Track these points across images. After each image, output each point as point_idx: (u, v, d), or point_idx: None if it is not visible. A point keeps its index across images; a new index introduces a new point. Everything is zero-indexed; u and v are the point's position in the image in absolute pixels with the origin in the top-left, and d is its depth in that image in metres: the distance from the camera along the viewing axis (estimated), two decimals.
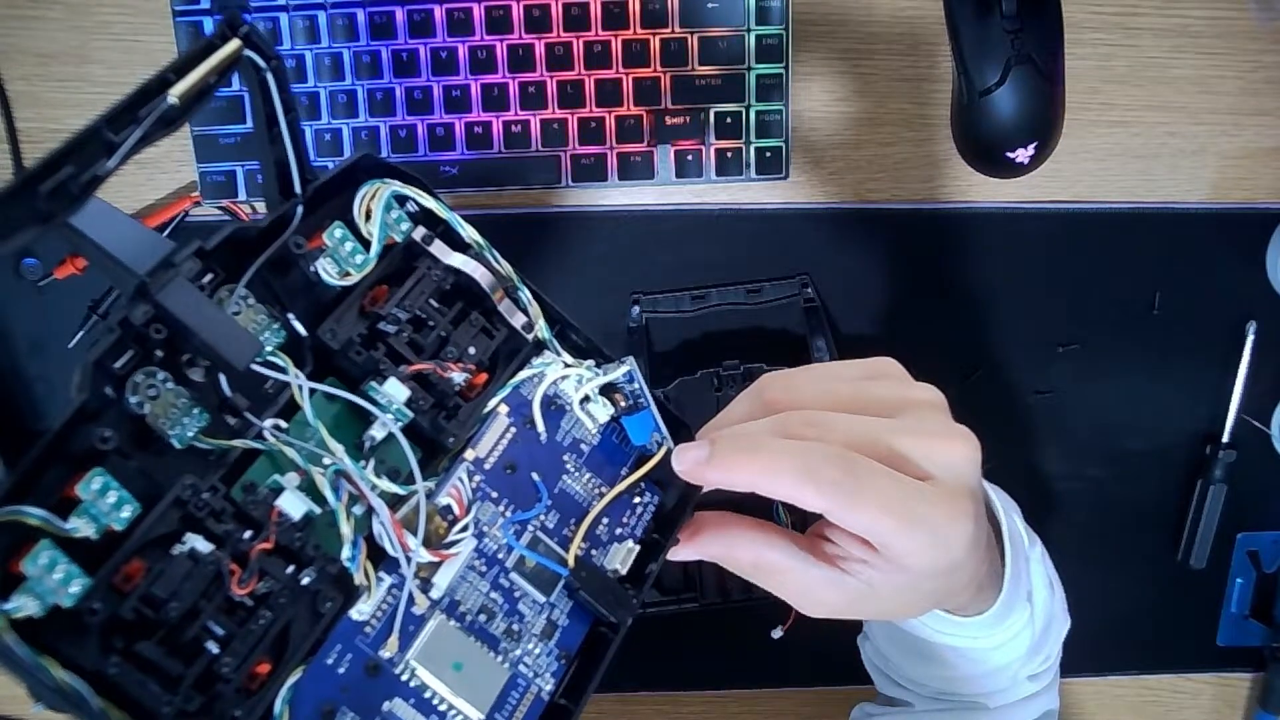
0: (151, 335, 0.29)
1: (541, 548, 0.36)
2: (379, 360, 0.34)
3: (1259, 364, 0.70)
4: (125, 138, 0.29)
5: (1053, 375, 0.71)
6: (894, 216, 0.69)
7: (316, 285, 0.34)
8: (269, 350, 0.32)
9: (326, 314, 0.34)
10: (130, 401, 0.29)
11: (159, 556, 0.29)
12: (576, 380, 0.37)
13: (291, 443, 0.31)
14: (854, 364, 0.41)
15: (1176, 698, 0.77)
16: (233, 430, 0.31)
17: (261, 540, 0.30)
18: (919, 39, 0.67)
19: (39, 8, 0.65)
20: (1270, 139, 0.69)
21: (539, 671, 0.35)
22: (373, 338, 0.34)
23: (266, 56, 0.32)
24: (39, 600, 0.26)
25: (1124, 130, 0.69)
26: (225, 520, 0.30)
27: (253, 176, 0.65)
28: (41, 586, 0.26)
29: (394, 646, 0.32)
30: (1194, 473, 0.72)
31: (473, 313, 0.36)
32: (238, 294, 0.31)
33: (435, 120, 0.65)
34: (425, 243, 0.36)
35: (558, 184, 0.66)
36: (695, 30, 0.65)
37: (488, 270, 0.36)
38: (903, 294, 0.70)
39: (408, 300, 0.35)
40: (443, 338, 0.35)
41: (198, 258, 0.30)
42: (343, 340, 0.33)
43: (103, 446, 0.28)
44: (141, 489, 0.29)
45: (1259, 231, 0.70)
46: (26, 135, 0.66)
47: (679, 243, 0.68)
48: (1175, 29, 0.68)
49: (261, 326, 0.32)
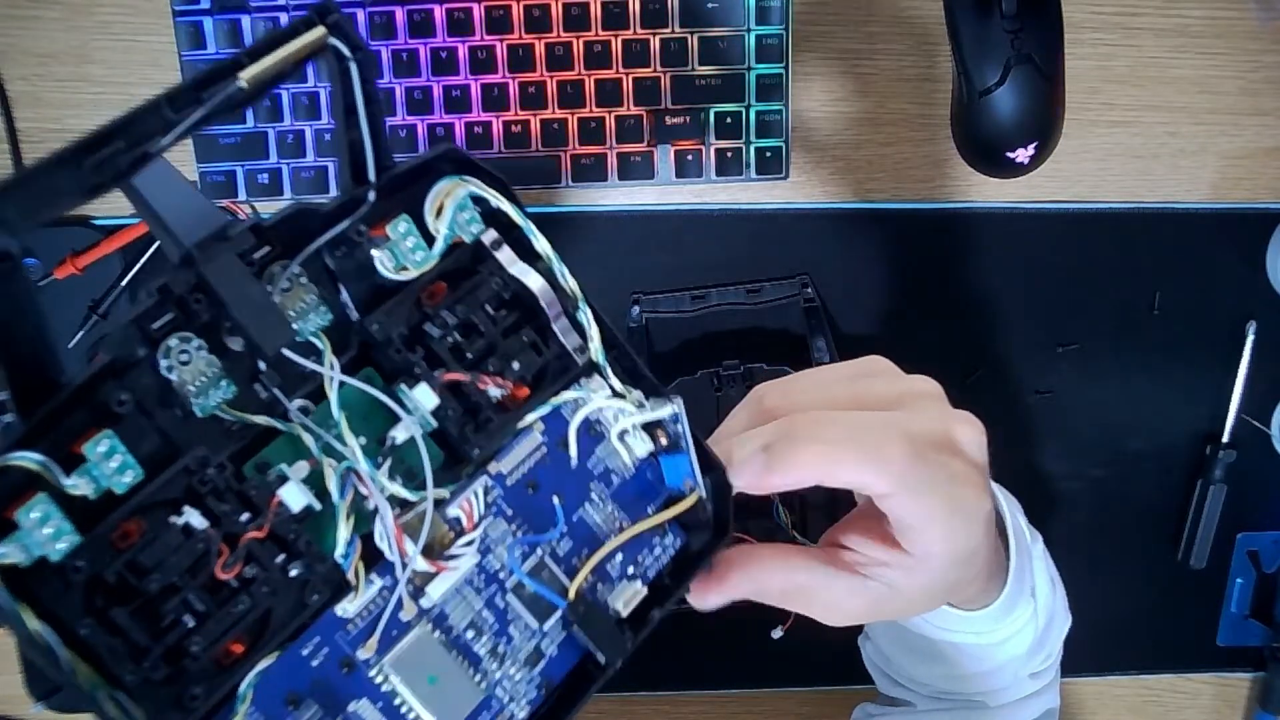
0: (191, 304, 0.29)
1: (546, 574, 0.35)
2: (415, 363, 0.33)
3: (1259, 364, 0.70)
4: (184, 117, 0.28)
5: (1053, 375, 0.71)
6: (894, 216, 0.69)
7: (374, 274, 0.33)
8: (311, 331, 0.31)
9: (381, 302, 0.33)
10: (160, 364, 0.29)
11: (154, 524, 0.29)
12: (621, 411, 0.36)
13: (311, 428, 0.31)
14: (846, 365, 0.41)
15: (1176, 698, 0.77)
16: (260, 404, 0.31)
17: (254, 527, 0.29)
18: (919, 39, 0.67)
19: (39, 8, 0.65)
20: (1270, 139, 0.69)
21: (515, 697, 0.34)
22: (418, 336, 0.33)
23: (354, 47, 0.31)
24: (26, 551, 0.27)
25: (1124, 130, 0.69)
26: (226, 499, 0.29)
27: (253, 176, 0.65)
28: (31, 539, 0.27)
29: (373, 648, 0.32)
30: (1194, 473, 0.72)
31: (526, 326, 0.35)
32: (290, 271, 0.31)
33: (435, 120, 0.65)
34: (494, 247, 0.35)
35: (558, 184, 0.66)
36: (695, 30, 0.65)
37: (550, 285, 0.35)
38: (903, 294, 0.70)
39: (461, 305, 0.34)
40: (489, 348, 0.34)
41: (253, 233, 0.30)
42: (386, 335, 0.32)
43: (119, 409, 0.28)
44: (153, 450, 0.29)
45: (1259, 231, 0.70)
46: (26, 135, 0.66)
47: (679, 243, 0.68)
48: (1175, 29, 0.68)
49: (309, 307, 0.31)
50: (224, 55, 0.64)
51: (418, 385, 0.32)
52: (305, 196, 0.66)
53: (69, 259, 0.66)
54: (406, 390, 0.32)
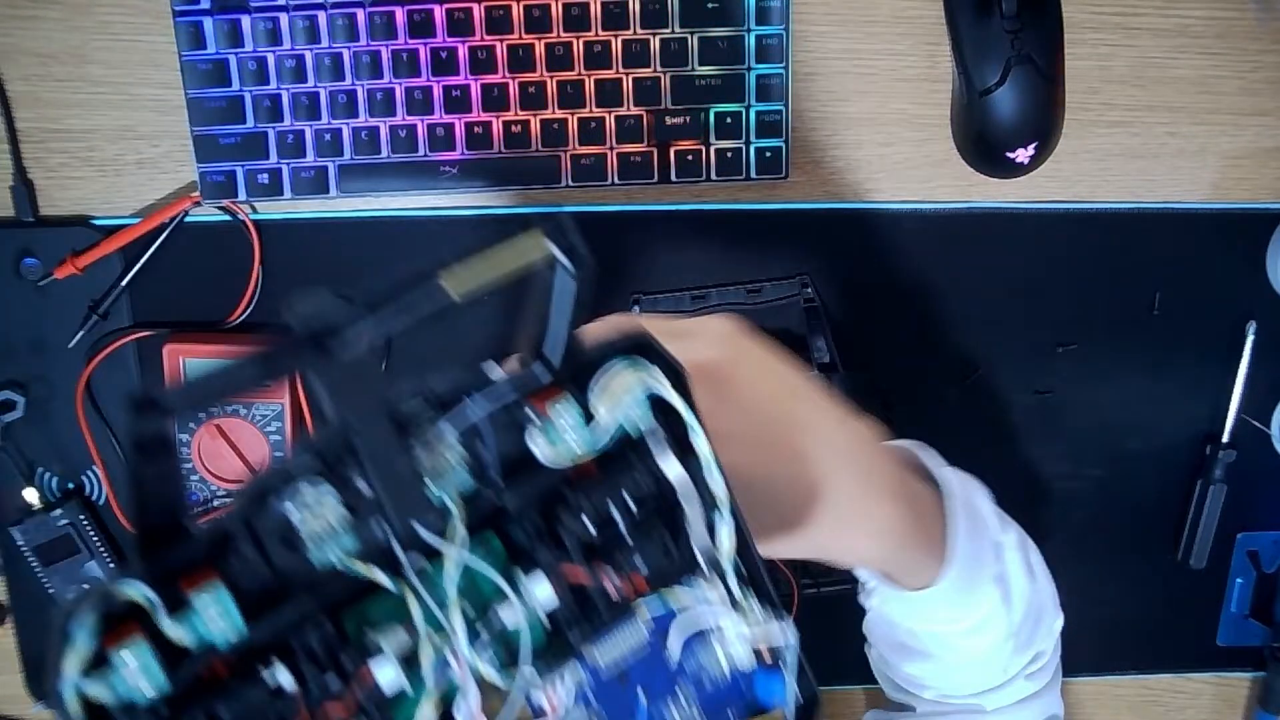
0: (335, 460, 0.29)
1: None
2: (541, 552, 0.32)
3: (1259, 364, 0.70)
4: (381, 319, 0.28)
5: (1053, 375, 0.71)
6: (894, 216, 0.69)
7: (524, 443, 0.32)
8: (448, 495, 0.31)
9: (523, 471, 0.32)
10: (289, 510, 0.29)
11: (243, 670, 0.29)
12: (735, 622, 0.35)
13: (422, 597, 0.30)
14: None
15: (1176, 698, 0.77)
16: (376, 554, 0.30)
17: (340, 702, 0.29)
18: (919, 39, 0.67)
19: (39, 8, 0.65)
20: (1270, 139, 0.69)
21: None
22: (551, 514, 0.33)
23: (579, 264, 0.30)
24: (114, 693, 0.27)
25: (1124, 130, 0.69)
26: (319, 659, 0.29)
27: (253, 176, 0.65)
28: (123, 684, 0.27)
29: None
30: (1194, 473, 0.72)
31: (661, 521, 0.34)
32: (439, 430, 0.31)
33: (435, 120, 0.65)
34: (653, 441, 0.33)
35: (558, 184, 0.66)
36: (695, 30, 0.65)
37: (697, 489, 0.34)
38: (903, 294, 0.70)
39: (602, 493, 0.33)
40: (619, 539, 0.33)
41: (424, 401, 0.30)
42: (520, 514, 0.32)
43: (236, 562, 0.28)
44: (259, 587, 0.29)
45: (1259, 231, 0.70)
46: (26, 135, 0.66)
47: (679, 243, 0.68)
48: (1175, 29, 0.68)
49: (449, 468, 0.31)
50: (223, 55, 0.64)
51: (538, 577, 0.32)
52: (304, 196, 0.66)
53: (69, 259, 0.66)
54: (523, 578, 0.32)
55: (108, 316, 0.68)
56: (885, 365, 0.69)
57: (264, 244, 0.67)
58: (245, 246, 0.67)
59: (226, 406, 0.68)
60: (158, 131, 0.66)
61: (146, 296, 0.68)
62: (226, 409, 0.68)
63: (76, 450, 0.69)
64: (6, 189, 0.66)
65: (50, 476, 0.70)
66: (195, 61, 0.64)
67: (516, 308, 0.32)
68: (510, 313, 0.33)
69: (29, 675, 0.72)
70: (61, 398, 0.68)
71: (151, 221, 0.66)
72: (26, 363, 0.68)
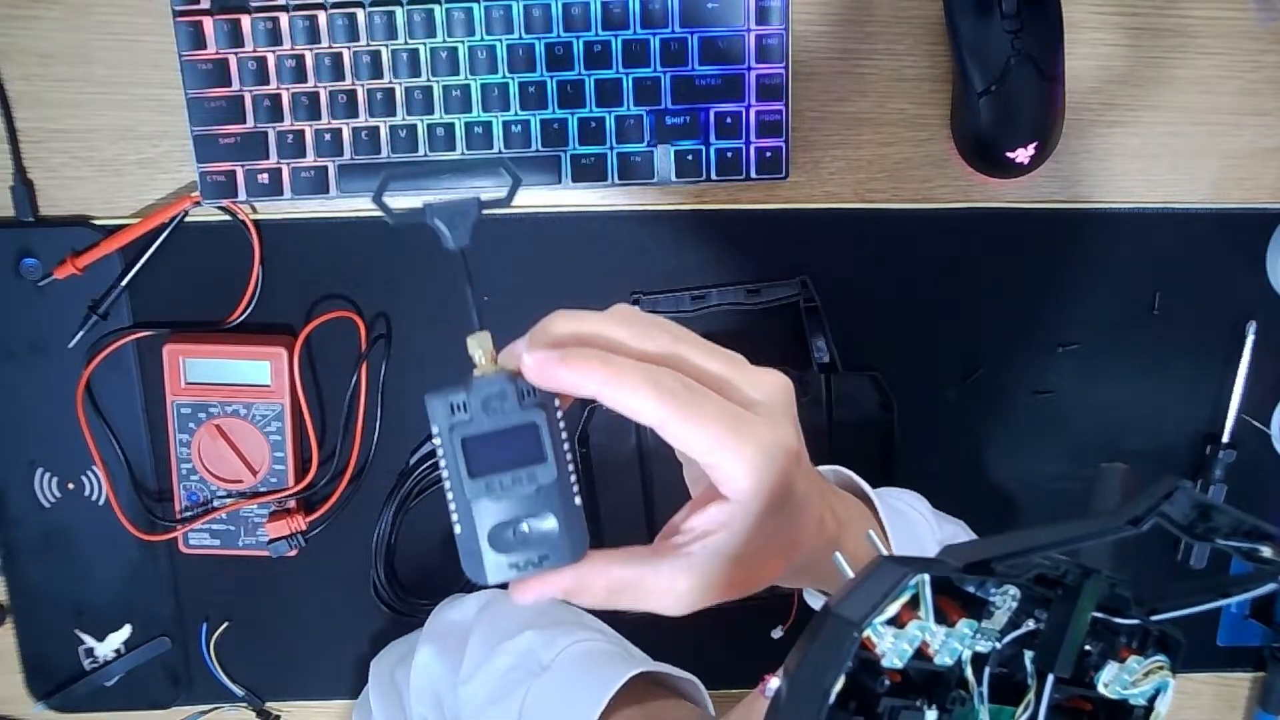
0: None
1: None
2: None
3: (1259, 364, 0.70)
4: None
5: (1053, 375, 0.71)
6: (894, 216, 0.69)
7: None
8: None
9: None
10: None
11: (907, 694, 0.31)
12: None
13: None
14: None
15: (1177, 698, 0.77)
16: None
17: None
18: (919, 39, 0.67)
19: (39, 8, 0.65)
20: (1270, 139, 0.69)
21: None
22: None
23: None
24: (888, 648, 0.30)
25: (1124, 130, 0.69)
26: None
27: (253, 176, 0.65)
28: (892, 647, 0.30)
29: None
30: (1194, 473, 0.72)
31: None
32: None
33: (435, 120, 0.65)
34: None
35: (558, 184, 0.66)
36: (695, 30, 0.65)
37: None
38: (903, 294, 0.70)
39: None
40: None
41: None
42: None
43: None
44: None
45: (1259, 231, 0.70)
46: (26, 135, 0.66)
47: (679, 243, 0.68)
48: (1175, 29, 0.68)
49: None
50: (223, 55, 0.64)
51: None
52: (304, 196, 0.66)
53: (69, 259, 0.66)
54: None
55: (108, 316, 0.68)
56: (885, 365, 0.69)
57: (264, 244, 0.67)
58: (245, 246, 0.67)
59: (226, 406, 0.68)
60: (158, 131, 0.66)
61: (146, 296, 0.68)
62: (226, 409, 0.68)
63: (77, 450, 0.69)
64: (6, 189, 0.66)
65: (50, 476, 0.70)
66: (195, 61, 0.64)
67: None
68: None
69: (29, 675, 0.72)
70: (62, 398, 0.68)
71: (151, 221, 0.66)
72: (26, 363, 0.68)
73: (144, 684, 0.73)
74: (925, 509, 0.54)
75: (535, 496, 0.38)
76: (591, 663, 0.56)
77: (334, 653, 0.73)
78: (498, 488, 0.37)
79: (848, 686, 0.29)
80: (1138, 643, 0.35)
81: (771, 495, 0.38)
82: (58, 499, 0.70)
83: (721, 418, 0.37)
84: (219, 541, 0.70)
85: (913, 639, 0.30)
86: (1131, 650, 0.34)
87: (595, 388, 0.36)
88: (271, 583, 0.72)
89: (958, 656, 0.31)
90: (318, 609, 0.73)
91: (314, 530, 0.71)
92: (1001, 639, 0.32)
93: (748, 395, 0.39)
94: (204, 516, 0.69)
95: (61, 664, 0.72)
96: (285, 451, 0.68)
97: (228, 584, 0.72)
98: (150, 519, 0.70)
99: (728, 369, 0.39)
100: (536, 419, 0.37)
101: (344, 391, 0.69)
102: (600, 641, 0.58)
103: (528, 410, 0.37)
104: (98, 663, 0.72)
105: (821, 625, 0.29)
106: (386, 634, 0.72)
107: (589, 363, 0.36)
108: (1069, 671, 0.32)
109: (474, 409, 0.37)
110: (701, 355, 0.39)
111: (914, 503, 0.55)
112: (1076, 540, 0.30)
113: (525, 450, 0.37)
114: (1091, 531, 0.30)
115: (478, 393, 0.37)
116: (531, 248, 0.68)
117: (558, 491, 0.38)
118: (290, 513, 0.70)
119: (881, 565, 0.30)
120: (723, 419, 0.37)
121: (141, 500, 0.70)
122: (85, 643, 0.72)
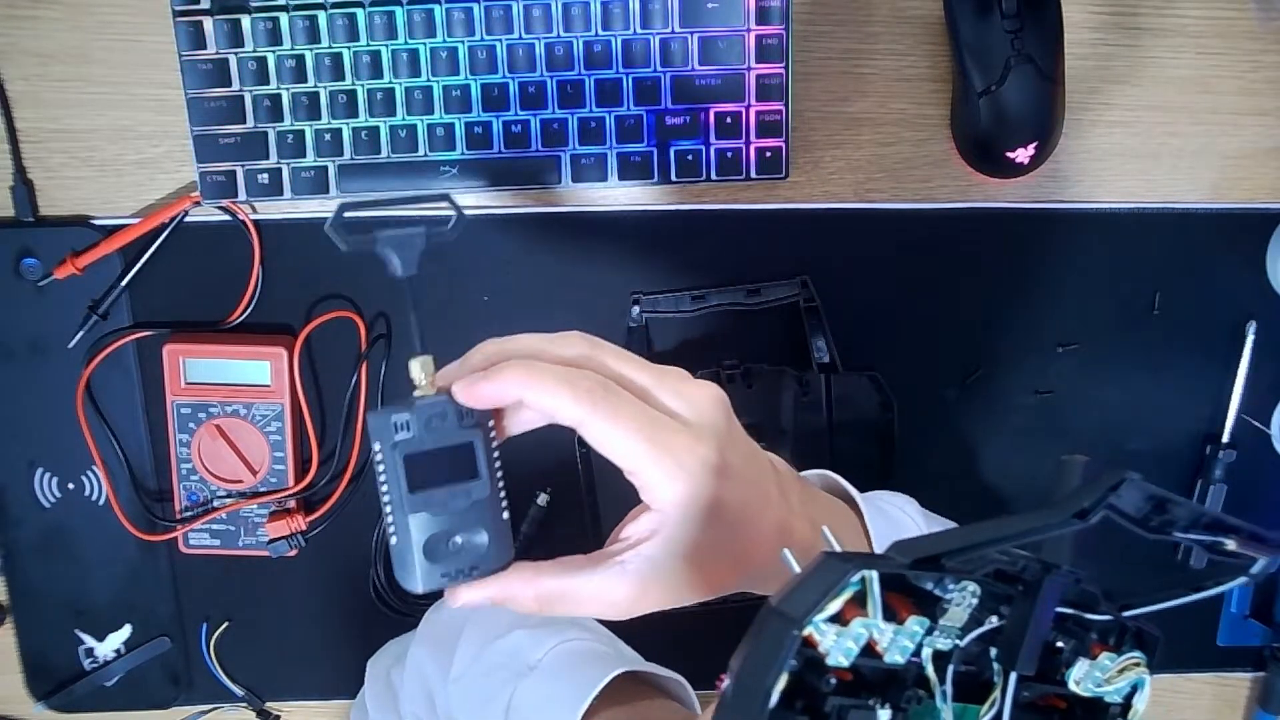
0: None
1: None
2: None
3: (1259, 364, 0.70)
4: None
5: (1053, 375, 0.71)
6: (894, 216, 0.69)
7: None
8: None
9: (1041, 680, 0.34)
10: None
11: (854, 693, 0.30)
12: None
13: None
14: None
15: (1176, 698, 0.77)
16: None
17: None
18: (919, 39, 0.67)
19: (39, 8, 0.65)
20: (1270, 139, 0.69)
21: None
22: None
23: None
24: (831, 645, 0.29)
25: (1124, 130, 0.69)
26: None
27: (253, 176, 0.65)
28: (836, 645, 0.29)
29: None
30: (1194, 473, 0.72)
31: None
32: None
33: (435, 120, 0.65)
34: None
35: (558, 184, 0.66)
36: (695, 30, 0.65)
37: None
38: (903, 294, 0.70)
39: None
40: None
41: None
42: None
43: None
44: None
45: (1259, 231, 0.70)
46: (26, 135, 0.66)
47: (679, 243, 0.68)
48: (1175, 29, 0.68)
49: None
50: (223, 55, 0.64)
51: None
52: (304, 196, 0.66)
53: (69, 259, 0.66)
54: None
55: (108, 316, 0.68)
56: (885, 365, 0.69)
57: (264, 244, 0.67)
58: (245, 246, 0.67)
59: (226, 406, 0.68)
60: (158, 131, 0.66)
61: (146, 296, 0.68)
62: (226, 409, 0.68)
63: (77, 450, 0.69)
64: (6, 189, 0.66)
65: (50, 476, 0.70)
66: (195, 61, 0.64)
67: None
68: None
69: (29, 675, 0.72)
70: (62, 398, 0.68)
71: (151, 221, 0.66)
72: (26, 363, 0.68)
73: (144, 684, 0.73)
74: (915, 511, 0.54)
75: (468, 511, 0.40)
76: (578, 662, 0.56)
77: (334, 653, 0.73)
78: (435, 502, 0.40)
79: (794, 685, 0.29)
80: (1113, 639, 0.34)
81: (695, 506, 0.39)
82: (58, 499, 0.70)
83: (637, 422, 0.38)
84: (219, 541, 0.70)
85: (858, 636, 0.29)
86: (1105, 647, 0.34)
87: (517, 392, 0.38)
88: (271, 583, 0.72)
89: (909, 654, 0.31)
90: (318, 609, 0.73)
91: (314, 530, 0.71)
92: (964, 636, 0.32)
93: (670, 406, 0.40)
94: (204, 516, 0.69)
95: (61, 664, 0.72)
96: (285, 451, 0.68)
97: (228, 584, 0.72)
98: (150, 519, 0.70)
99: (653, 379, 0.40)
100: (474, 438, 0.40)
101: (344, 391, 0.69)
102: (589, 641, 0.58)
103: (466, 430, 0.40)
104: (98, 663, 0.72)
105: (763, 623, 0.29)
106: (385, 634, 0.72)
107: (509, 370, 0.38)
108: (1032, 669, 0.31)
109: (416, 428, 0.39)
110: (622, 362, 0.40)
111: (904, 505, 0.55)
112: (1021, 535, 0.30)
113: (462, 467, 0.40)
114: (1036, 526, 0.30)
115: (421, 413, 0.40)
116: (531, 248, 0.68)
117: (488, 506, 0.41)
118: (290, 513, 0.70)
119: (825, 562, 0.30)
120: (639, 424, 0.38)
121: (141, 500, 0.70)
122: (85, 643, 0.72)
